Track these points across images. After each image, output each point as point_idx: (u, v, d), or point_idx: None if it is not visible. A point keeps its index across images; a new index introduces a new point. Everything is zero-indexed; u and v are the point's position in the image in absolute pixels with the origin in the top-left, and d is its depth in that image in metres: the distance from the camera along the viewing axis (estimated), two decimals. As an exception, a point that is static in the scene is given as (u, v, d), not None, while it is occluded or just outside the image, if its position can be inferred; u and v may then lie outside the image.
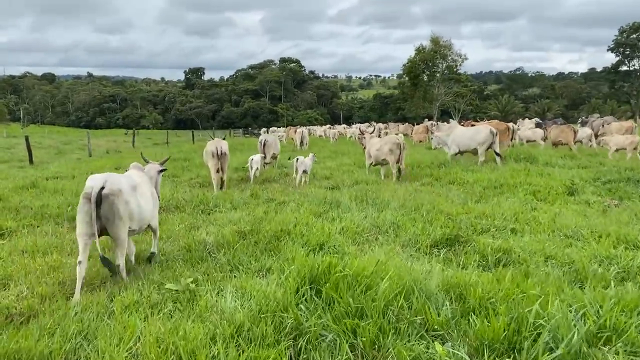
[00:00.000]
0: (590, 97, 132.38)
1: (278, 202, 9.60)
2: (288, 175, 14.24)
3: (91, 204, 4.96)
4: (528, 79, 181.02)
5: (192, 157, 19.73)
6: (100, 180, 5.14)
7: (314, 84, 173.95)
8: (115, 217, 5.15)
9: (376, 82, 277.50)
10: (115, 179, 5.31)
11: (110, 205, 5.09)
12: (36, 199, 10.46)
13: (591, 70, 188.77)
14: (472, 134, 14.97)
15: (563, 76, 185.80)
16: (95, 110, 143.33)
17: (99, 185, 5.06)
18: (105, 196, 5.06)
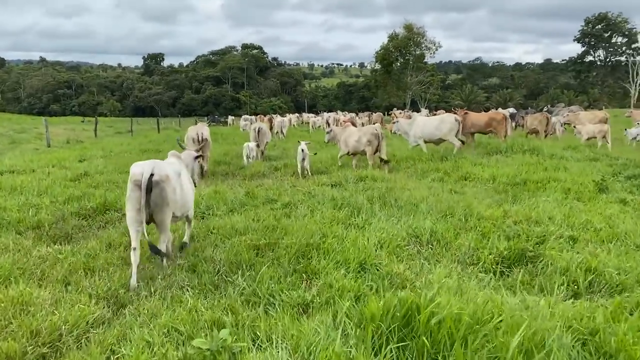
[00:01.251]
0: (548, 87, 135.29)
1: (282, 203, 8.29)
2: (278, 170, 12.90)
3: (141, 190, 4.98)
4: (488, 69, 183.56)
5: (164, 148, 18.03)
6: (149, 167, 5.13)
7: (277, 72, 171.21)
8: (163, 203, 5.18)
9: (338, 71, 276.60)
10: (162, 166, 5.31)
11: (160, 191, 5.12)
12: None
13: (547, 61, 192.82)
14: (437, 123, 14.45)
15: (520, 66, 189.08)
16: (49, 96, 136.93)
17: (148, 171, 5.06)
18: (156, 182, 5.08)
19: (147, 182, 5.02)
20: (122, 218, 7.99)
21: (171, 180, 5.31)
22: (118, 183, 11.10)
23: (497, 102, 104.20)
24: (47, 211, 8.16)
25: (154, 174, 5.10)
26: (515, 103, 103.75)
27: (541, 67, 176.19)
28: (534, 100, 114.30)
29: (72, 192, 9.66)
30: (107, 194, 9.18)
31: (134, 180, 5.12)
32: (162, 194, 5.16)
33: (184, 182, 5.75)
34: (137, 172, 5.14)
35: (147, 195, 5.02)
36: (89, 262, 5.48)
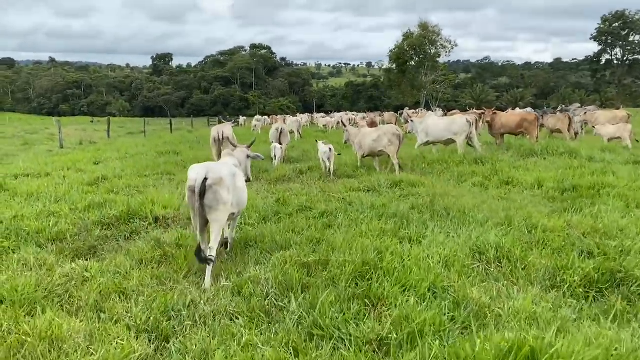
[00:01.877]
0: (558, 86, 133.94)
1: (319, 212, 7.68)
2: (303, 173, 12.28)
3: (195, 195, 5.12)
4: (497, 68, 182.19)
5: (182, 150, 17.52)
6: (203, 171, 5.25)
7: (285, 72, 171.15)
8: (219, 204, 5.26)
9: (346, 70, 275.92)
10: (216, 168, 5.40)
11: (214, 195, 5.22)
12: (5, 207, 8.28)
13: (557, 60, 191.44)
14: (446, 124, 14.06)
15: (529, 66, 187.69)
16: (58, 96, 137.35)
17: (202, 176, 5.18)
18: (209, 186, 5.18)
19: (200, 186, 5.14)
20: (148, 227, 7.43)
21: (225, 182, 5.35)
22: (139, 188, 10.55)
23: (508, 102, 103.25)
24: (67, 220, 7.59)
25: (207, 177, 5.19)
26: (526, 103, 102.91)
27: (551, 66, 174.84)
28: (545, 100, 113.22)
29: (92, 198, 9.10)
30: (130, 200, 8.60)
31: (189, 185, 5.28)
32: (216, 196, 5.25)
33: (238, 181, 5.77)
34: (191, 177, 5.29)
35: (200, 199, 5.15)
36: (121, 282, 4.89)
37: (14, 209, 8.17)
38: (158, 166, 13.49)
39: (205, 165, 5.44)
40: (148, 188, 10.59)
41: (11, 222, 7.25)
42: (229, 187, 5.39)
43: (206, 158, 14.93)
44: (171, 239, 6.49)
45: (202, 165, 5.50)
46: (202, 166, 5.44)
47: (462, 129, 13.68)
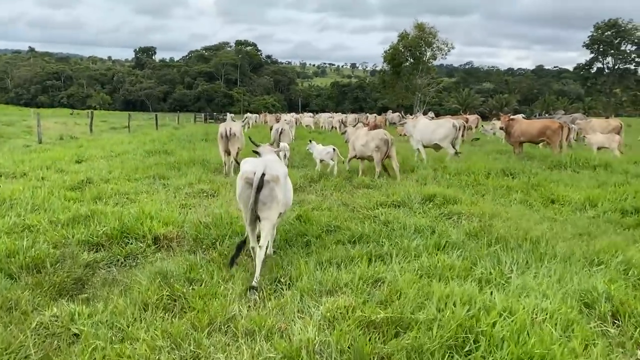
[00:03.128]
0: (541, 93, 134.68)
1: (352, 234, 6.39)
2: (315, 181, 10.98)
3: (252, 189, 5.08)
4: (482, 73, 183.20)
5: (172, 150, 16.02)
6: (262, 166, 5.21)
7: (270, 69, 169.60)
8: (273, 202, 5.22)
9: (330, 71, 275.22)
10: (273, 165, 5.41)
11: (270, 191, 5.19)
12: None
13: (539, 67, 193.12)
14: (433, 128, 13.97)
15: (512, 72, 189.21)
16: (37, 87, 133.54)
17: (261, 170, 5.13)
18: (267, 182, 5.15)
19: (258, 180, 5.08)
20: (147, 250, 6.07)
21: (281, 181, 5.33)
22: (130, 195, 9.13)
23: (494, 107, 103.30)
24: (46, 237, 6.19)
25: (265, 173, 5.14)
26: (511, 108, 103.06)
27: (533, 73, 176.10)
28: (528, 106, 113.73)
29: (75, 208, 7.69)
30: (122, 212, 7.21)
31: (246, 177, 5.24)
32: (272, 193, 5.21)
33: (288, 181, 5.80)
34: (249, 169, 5.25)
35: (256, 193, 5.09)
36: (124, 347, 3.53)
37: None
38: (149, 168, 12.05)
39: (263, 161, 5.46)
40: (141, 195, 9.18)
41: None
42: (282, 185, 5.37)
43: (202, 159, 13.55)
44: (179, 270, 5.14)
45: (259, 160, 5.61)
46: (259, 161, 5.50)
47: (447, 133, 13.49)
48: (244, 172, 5.32)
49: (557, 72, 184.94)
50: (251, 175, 5.18)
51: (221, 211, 7.43)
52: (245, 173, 5.27)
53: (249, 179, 5.20)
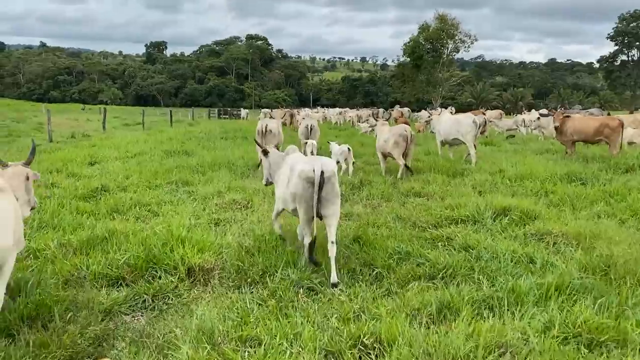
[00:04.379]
0: (555, 87, 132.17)
1: (432, 264, 5.13)
2: (358, 187, 9.72)
3: (314, 187, 5.07)
4: (494, 67, 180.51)
5: (192, 150, 14.81)
6: (319, 164, 5.20)
7: (281, 64, 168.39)
8: (336, 197, 5.30)
9: (340, 65, 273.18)
10: (329, 162, 5.41)
11: (332, 186, 5.24)
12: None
13: (551, 60, 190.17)
14: (453, 123, 13.39)
15: (524, 65, 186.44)
16: (48, 82, 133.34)
17: (319, 168, 5.12)
18: (328, 178, 5.17)
19: (319, 178, 5.07)
20: (180, 286, 4.85)
21: (336, 176, 5.39)
22: (152, 206, 7.93)
23: (508, 101, 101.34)
24: (56, 269, 5.02)
25: (323, 170, 5.14)
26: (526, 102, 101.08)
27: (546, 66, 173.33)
28: (542, 100, 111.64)
29: (90, 225, 6.53)
30: (145, 234, 6.01)
31: (307, 177, 5.19)
32: (334, 189, 5.29)
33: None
34: (308, 169, 5.21)
35: (319, 191, 5.08)
36: None
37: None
38: (169, 172, 10.86)
39: (318, 158, 5.49)
40: (164, 207, 7.99)
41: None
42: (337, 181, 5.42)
43: (227, 161, 12.33)
44: (227, 325, 3.91)
45: (313, 157, 5.78)
46: (315, 159, 5.53)
47: (468, 129, 12.83)
48: (302, 171, 5.22)
49: (570, 65, 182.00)
50: (311, 173, 5.12)
51: (263, 231, 6.19)
52: (305, 172, 5.19)
53: (309, 178, 5.13)
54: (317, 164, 5.18)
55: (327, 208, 5.21)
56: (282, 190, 5.70)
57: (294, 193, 5.30)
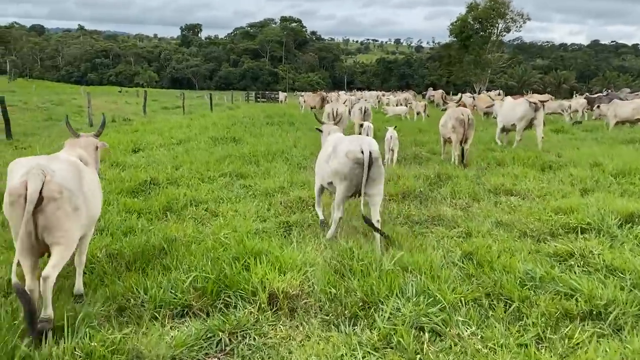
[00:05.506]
0: (599, 70, 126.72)
1: (591, 303, 3.93)
2: (436, 182, 8.51)
3: (364, 168, 5.07)
4: (535, 49, 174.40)
5: (241, 137, 13.79)
6: (367, 144, 5.21)
7: (315, 46, 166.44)
8: (381, 177, 5.32)
9: (374, 47, 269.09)
10: (372, 142, 5.38)
11: (378, 167, 5.25)
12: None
13: (594, 42, 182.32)
14: (512, 107, 12.90)
15: (565, 47, 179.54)
16: (86, 65, 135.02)
17: (367, 148, 5.14)
18: (375, 159, 5.20)
19: (368, 158, 5.07)
20: (261, 319, 3.79)
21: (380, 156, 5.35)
22: (208, 205, 6.93)
23: (550, 84, 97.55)
24: (107, 292, 4.04)
25: (371, 151, 5.14)
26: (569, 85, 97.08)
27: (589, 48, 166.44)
28: (585, 84, 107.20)
29: (143, 229, 5.56)
30: (210, 244, 5.00)
31: (355, 157, 5.17)
32: (380, 170, 5.28)
33: None
34: (356, 149, 5.18)
35: (368, 171, 5.08)
36: None
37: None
38: (221, 162, 9.87)
39: (362, 138, 5.47)
40: (222, 205, 6.97)
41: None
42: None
43: (281, 150, 11.28)
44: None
45: (357, 137, 5.61)
46: (358, 138, 5.47)
47: (524, 113, 12.30)
48: (349, 151, 5.21)
49: (615, 47, 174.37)
50: (359, 154, 5.13)
51: (349, 243, 5.08)
52: (353, 152, 5.18)
53: (358, 158, 5.14)
54: (364, 144, 5.18)
55: (372, 187, 5.22)
56: (321, 166, 5.76)
57: (337, 171, 5.30)
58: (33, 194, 3.31)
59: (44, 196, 3.38)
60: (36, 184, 3.34)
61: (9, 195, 3.41)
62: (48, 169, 3.51)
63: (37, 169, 3.43)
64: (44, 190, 3.38)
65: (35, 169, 3.43)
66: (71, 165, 3.81)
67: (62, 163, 3.75)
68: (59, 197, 3.46)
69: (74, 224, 3.59)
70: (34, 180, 3.36)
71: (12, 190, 3.39)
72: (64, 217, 3.50)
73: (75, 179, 3.71)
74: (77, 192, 3.65)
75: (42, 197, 3.37)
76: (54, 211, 3.44)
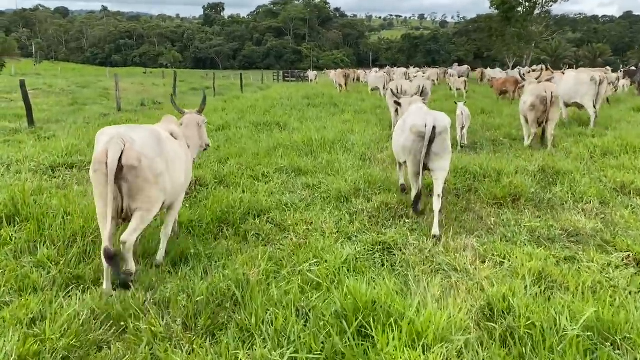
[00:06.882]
0: (634, 42, 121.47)
1: None
2: (542, 182, 6.88)
3: (424, 141, 5.03)
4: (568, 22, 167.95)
5: (286, 121, 12.26)
6: (432, 118, 5.10)
7: (339, 23, 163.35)
8: (445, 152, 5.22)
9: (397, 23, 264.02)
10: (442, 117, 5.28)
11: (442, 141, 5.18)
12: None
13: (627, 13, 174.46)
14: (573, 83, 11.92)
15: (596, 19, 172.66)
16: (111, 46, 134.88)
17: (431, 123, 5.04)
18: (439, 133, 5.11)
19: (430, 133, 4.99)
20: None
21: (449, 132, 5.28)
22: (273, 216, 5.46)
23: (585, 58, 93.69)
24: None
25: (435, 125, 5.03)
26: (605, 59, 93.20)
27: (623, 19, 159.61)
28: (619, 57, 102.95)
29: (197, 256, 4.14)
30: (297, 285, 3.55)
31: (418, 131, 5.12)
32: (444, 144, 5.19)
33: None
34: (420, 123, 5.12)
35: (429, 145, 5.02)
36: None
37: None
38: (272, 153, 8.43)
39: (431, 113, 5.34)
40: (288, 214, 5.51)
41: None
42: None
43: (339, 139, 9.77)
44: None
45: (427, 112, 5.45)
46: (429, 113, 5.36)
47: (587, 88, 11.45)
48: (413, 125, 5.18)
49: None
50: (422, 128, 5.06)
51: (503, 290, 3.55)
52: (416, 126, 5.14)
53: (420, 132, 5.08)
54: (429, 118, 5.11)
55: (435, 162, 5.16)
56: (395, 140, 5.77)
57: (404, 145, 5.35)
58: (112, 162, 3.40)
59: (124, 164, 3.47)
60: (115, 152, 3.44)
61: (93, 162, 3.55)
62: (128, 137, 3.57)
63: (117, 138, 3.51)
64: (123, 158, 3.46)
65: (116, 137, 3.51)
66: (152, 134, 3.83)
67: (143, 132, 3.80)
68: (138, 165, 3.54)
69: (155, 191, 3.70)
70: (113, 148, 3.45)
71: (95, 158, 3.54)
72: (145, 184, 3.61)
73: (155, 147, 3.75)
74: (157, 160, 3.70)
75: (121, 165, 3.46)
76: (134, 178, 3.56)
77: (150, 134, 3.81)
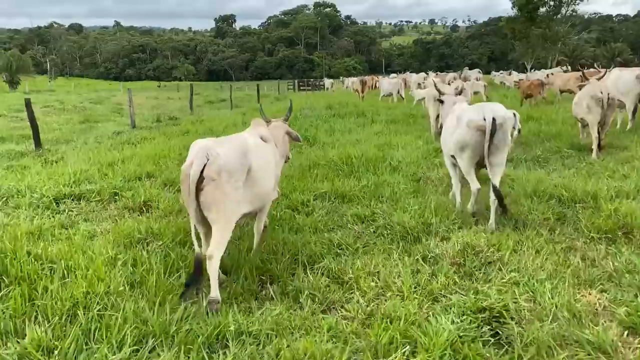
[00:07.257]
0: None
1: None
2: None
3: (485, 135, 4.89)
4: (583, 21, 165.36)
5: (316, 135, 11.10)
6: (490, 110, 4.98)
7: (350, 30, 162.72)
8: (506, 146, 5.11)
9: (408, 29, 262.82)
10: (499, 108, 5.14)
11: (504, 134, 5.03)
12: None
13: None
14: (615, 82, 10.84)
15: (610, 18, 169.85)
16: (124, 61, 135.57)
17: (491, 115, 4.91)
18: (500, 125, 4.95)
19: (491, 125, 4.86)
20: None
21: (509, 125, 5.20)
22: (334, 270, 4.26)
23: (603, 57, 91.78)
24: None
25: (495, 117, 4.89)
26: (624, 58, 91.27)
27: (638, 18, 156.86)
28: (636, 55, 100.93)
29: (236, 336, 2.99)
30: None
31: (476, 126, 4.99)
32: (505, 137, 5.08)
33: None
34: (478, 117, 5.00)
35: (490, 138, 4.88)
36: None
37: None
38: (307, 175, 7.29)
39: (487, 105, 5.26)
40: (347, 264, 4.33)
41: None
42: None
43: (379, 156, 8.58)
44: None
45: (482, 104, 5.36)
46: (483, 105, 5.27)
47: (631, 87, 10.67)
48: (471, 120, 5.04)
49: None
50: (481, 121, 4.94)
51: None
52: (474, 121, 5.00)
53: (480, 126, 4.94)
54: (487, 111, 4.98)
55: (495, 156, 5.00)
56: (446, 140, 5.62)
57: (460, 141, 5.20)
58: (195, 174, 3.62)
59: (204, 176, 3.65)
60: (198, 165, 3.64)
61: (181, 172, 3.80)
62: (213, 151, 3.73)
63: (202, 151, 3.70)
64: (204, 171, 3.65)
65: (202, 151, 3.71)
66: (239, 147, 3.94)
67: (229, 144, 3.91)
68: (217, 178, 3.68)
69: (232, 204, 3.80)
70: (197, 161, 3.66)
71: (183, 168, 3.79)
72: (222, 197, 3.72)
73: (239, 159, 3.84)
74: (238, 173, 3.81)
75: (202, 177, 3.64)
76: (212, 190, 3.69)
77: (237, 146, 3.92)
